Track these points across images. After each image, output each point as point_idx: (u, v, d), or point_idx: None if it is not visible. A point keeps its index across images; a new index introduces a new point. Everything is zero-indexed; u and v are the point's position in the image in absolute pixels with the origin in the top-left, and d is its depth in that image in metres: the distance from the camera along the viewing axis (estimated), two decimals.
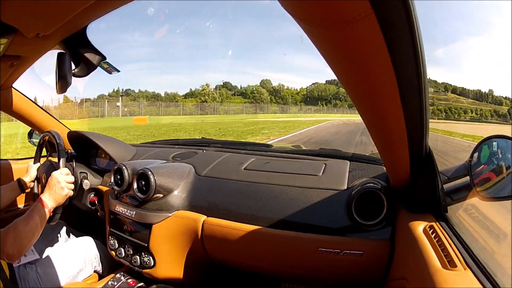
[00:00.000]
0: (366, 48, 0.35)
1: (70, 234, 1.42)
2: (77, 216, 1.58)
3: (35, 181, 1.32)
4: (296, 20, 0.33)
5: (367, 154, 1.17)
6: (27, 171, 1.30)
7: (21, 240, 0.88)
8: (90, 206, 1.35)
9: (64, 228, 1.40)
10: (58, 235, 1.37)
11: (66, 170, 1.10)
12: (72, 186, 1.09)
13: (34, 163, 1.36)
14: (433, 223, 0.65)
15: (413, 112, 0.46)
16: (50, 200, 1.01)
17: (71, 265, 1.15)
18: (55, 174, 1.06)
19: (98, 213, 1.34)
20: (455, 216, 0.73)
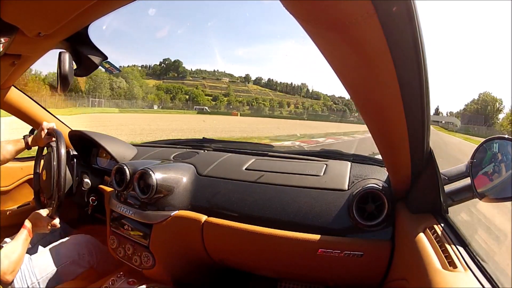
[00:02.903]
0: (368, 49, 0.35)
1: (67, 233, 1.42)
2: (77, 216, 1.59)
3: (34, 175, 1.33)
4: (298, 21, 0.33)
5: (368, 155, 1.17)
6: (40, 131, 1.25)
7: (16, 268, 1.00)
8: (90, 205, 1.35)
9: (61, 227, 1.41)
10: (53, 231, 1.38)
11: (56, 222, 1.12)
12: (55, 226, 1.14)
13: (34, 165, 1.36)
14: (434, 224, 0.65)
15: (414, 112, 0.47)
16: (34, 229, 1.09)
17: (62, 254, 1.17)
18: (44, 220, 1.10)
19: (88, 211, 1.35)
20: (455, 217, 0.73)
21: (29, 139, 1.27)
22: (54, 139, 1.26)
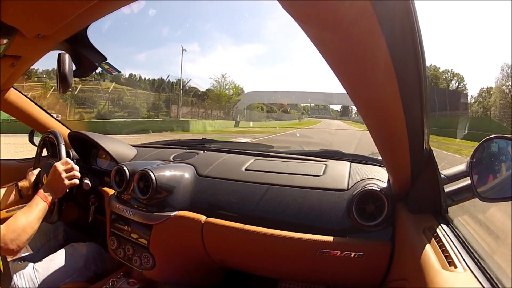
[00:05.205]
0: (367, 49, 0.35)
1: (69, 235, 1.42)
2: (76, 217, 1.58)
3: (36, 184, 1.31)
4: (297, 21, 0.33)
5: (368, 155, 1.17)
6: (27, 177, 1.28)
7: (21, 235, 0.89)
8: (89, 207, 1.35)
9: (63, 229, 1.40)
10: (57, 235, 1.37)
11: (68, 160, 1.08)
12: (74, 174, 1.07)
13: (34, 167, 1.35)
14: (434, 224, 0.65)
15: (413, 112, 0.47)
16: (50, 192, 1.01)
17: (70, 268, 1.15)
18: (56, 165, 1.04)
19: (89, 218, 1.32)
20: (455, 217, 0.73)
21: (20, 184, 1.23)
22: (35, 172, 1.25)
